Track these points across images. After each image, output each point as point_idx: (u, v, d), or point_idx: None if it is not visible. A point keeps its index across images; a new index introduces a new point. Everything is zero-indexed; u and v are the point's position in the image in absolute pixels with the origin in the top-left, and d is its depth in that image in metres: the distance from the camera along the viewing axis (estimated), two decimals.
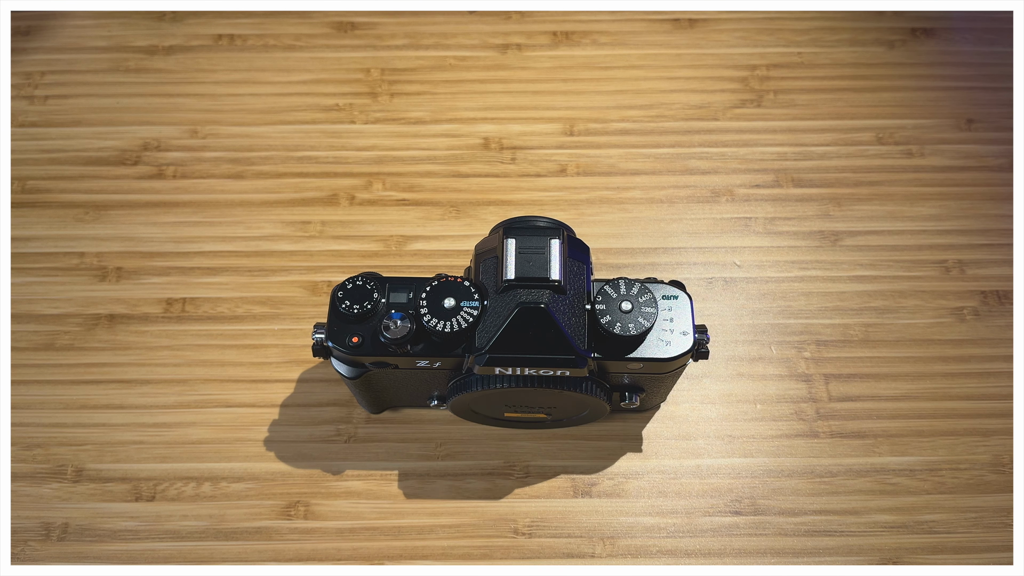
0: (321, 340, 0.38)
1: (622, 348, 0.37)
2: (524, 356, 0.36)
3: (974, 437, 0.46)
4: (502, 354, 0.36)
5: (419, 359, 0.37)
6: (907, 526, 0.44)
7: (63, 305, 0.50)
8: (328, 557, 0.44)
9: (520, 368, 0.36)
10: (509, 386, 0.37)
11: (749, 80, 0.55)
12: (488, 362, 0.36)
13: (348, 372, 0.39)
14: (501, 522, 0.44)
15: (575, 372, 0.36)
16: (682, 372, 0.40)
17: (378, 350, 0.37)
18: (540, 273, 0.36)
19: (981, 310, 0.49)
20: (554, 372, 0.36)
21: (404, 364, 0.38)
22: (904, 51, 0.55)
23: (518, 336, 0.35)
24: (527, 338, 0.35)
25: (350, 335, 0.37)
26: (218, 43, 0.56)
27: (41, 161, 0.53)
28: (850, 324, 0.49)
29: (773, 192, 0.52)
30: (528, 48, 0.56)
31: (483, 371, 0.36)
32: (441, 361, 0.37)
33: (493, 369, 0.36)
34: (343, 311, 0.37)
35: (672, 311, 0.38)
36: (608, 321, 0.36)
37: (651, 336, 0.37)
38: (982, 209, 0.52)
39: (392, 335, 0.36)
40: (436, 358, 0.37)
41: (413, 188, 0.53)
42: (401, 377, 0.40)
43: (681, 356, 0.37)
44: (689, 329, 0.37)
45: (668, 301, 0.38)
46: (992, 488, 0.45)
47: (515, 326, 0.35)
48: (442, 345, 0.37)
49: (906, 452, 0.46)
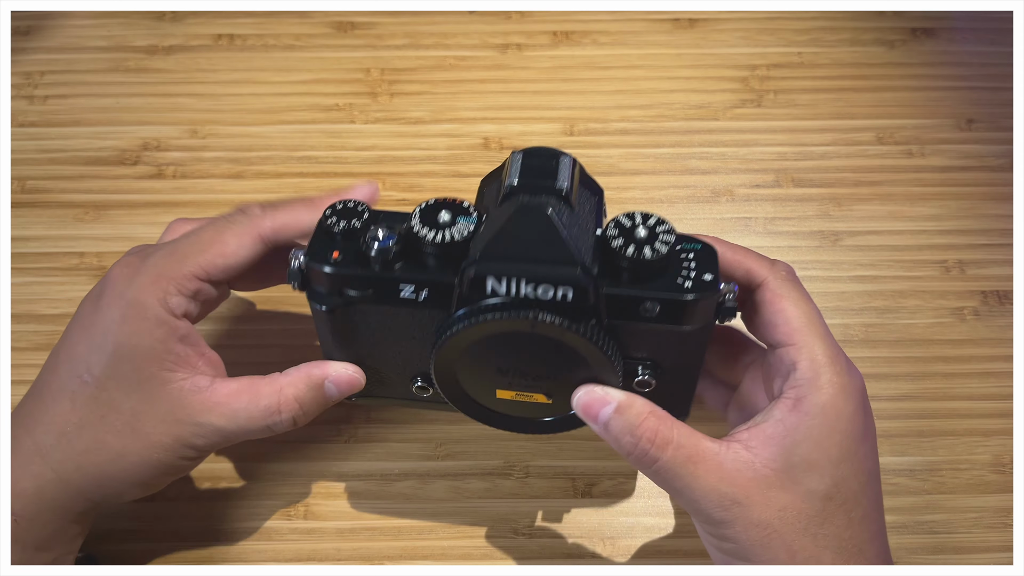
0: (299, 265, 0.34)
1: (634, 281, 0.32)
2: (520, 264, 0.31)
3: (974, 437, 0.46)
4: (495, 260, 0.31)
5: (404, 283, 0.33)
6: (907, 526, 0.44)
7: (63, 305, 0.49)
8: (328, 557, 0.44)
9: (515, 282, 0.31)
10: (500, 316, 0.32)
11: (749, 80, 0.55)
12: (479, 271, 0.32)
13: (325, 303, 0.35)
14: (501, 522, 0.44)
15: (578, 292, 0.32)
16: (703, 348, 0.35)
17: (360, 266, 0.33)
18: (546, 181, 0.32)
19: (981, 310, 0.49)
20: (554, 293, 0.32)
21: (386, 293, 0.34)
22: (904, 51, 0.55)
23: (515, 242, 0.31)
24: (525, 244, 0.31)
25: (331, 251, 0.34)
26: (218, 43, 0.56)
27: (41, 161, 0.53)
28: (850, 324, 0.49)
29: (773, 192, 0.52)
30: (528, 48, 0.56)
31: (473, 285, 0.32)
32: (428, 289, 0.33)
33: (484, 283, 0.32)
34: (328, 226, 0.34)
35: (695, 258, 0.33)
36: (619, 245, 0.32)
37: (667, 277, 0.33)
38: (982, 209, 0.52)
39: (378, 246, 0.33)
40: (422, 280, 0.33)
41: (413, 188, 0.53)
42: (382, 322, 0.35)
43: (702, 299, 0.32)
44: (714, 274, 0.33)
45: (691, 246, 0.34)
46: (992, 488, 0.45)
47: (512, 229, 0.31)
48: (432, 267, 0.33)
49: (906, 452, 0.46)
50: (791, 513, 0.32)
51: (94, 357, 0.35)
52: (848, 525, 0.33)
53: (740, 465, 0.32)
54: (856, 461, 0.33)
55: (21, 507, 0.35)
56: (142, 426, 0.35)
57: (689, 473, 0.32)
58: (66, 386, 0.35)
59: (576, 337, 0.32)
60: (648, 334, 0.34)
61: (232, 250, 0.36)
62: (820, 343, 0.34)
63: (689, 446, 0.32)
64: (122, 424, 0.35)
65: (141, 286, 0.35)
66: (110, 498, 0.37)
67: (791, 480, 0.32)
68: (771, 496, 0.32)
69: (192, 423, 0.36)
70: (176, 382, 0.35)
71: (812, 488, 0.32)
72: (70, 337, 0.36)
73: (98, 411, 0.35)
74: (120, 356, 0.35)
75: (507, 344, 0.34)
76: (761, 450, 0.33)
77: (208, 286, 0.37)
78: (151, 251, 0.37)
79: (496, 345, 0.34)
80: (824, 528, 0.32)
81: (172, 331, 0.35)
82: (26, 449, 0.35)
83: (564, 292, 0.32)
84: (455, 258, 0.33)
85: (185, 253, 0.36)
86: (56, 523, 0.36)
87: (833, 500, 0.33)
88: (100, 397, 0.35)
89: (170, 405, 0.35)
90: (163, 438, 0.35)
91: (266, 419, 0.36)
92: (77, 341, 0.36)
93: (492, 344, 0.34)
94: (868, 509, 0.34)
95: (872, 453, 0.34)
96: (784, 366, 0.34)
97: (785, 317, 0.34)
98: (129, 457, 0.35)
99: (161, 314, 0.35)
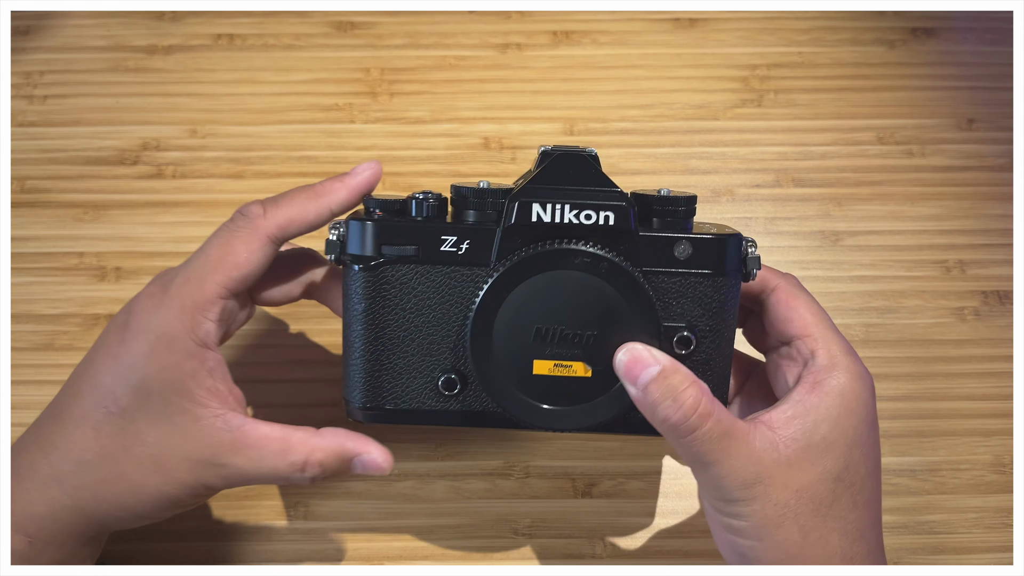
0: (338, 235, 0.36)
1: (665, 228, 0.36)
2: (564, 189, 0.34)
3: (974, 437, 0.46)
4: (540, 189, 0.34)
5: (446, 234, 0.35)
6: (907, 526, 0.44)
7: (63, 305, 0.49)
8: (328, 557, 0.44)
9: (559, 208, 0.34)
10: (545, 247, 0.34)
11: (749, 80, 0.55)
12: (523, 197, 0.34)
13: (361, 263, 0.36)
14: (501, 522, 0.44)
15: (620, 216, 0.34)
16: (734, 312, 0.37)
17: (401, 222, 0.35)
18: (576, 150, 0.36)
19: (982, 310, 0.49)
20: (596, 217, 0.34)
21: (427, 247, 0.35)
22: (905, 51, 0.55)
23: (557, 178, 0.35)
24: (566, 179, 0.35)
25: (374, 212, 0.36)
26: (217, 43, 0.56)
27: (40, 161, 0.53)
28: (851, 324, 0.49)
29: (773, 192, 0.52)
30: (528, 48, 0.56)
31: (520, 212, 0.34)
32: (469, 240, 0.35)
33: (530, 209, 0.34)
34: (370, 211, 0.37)
35: (714, 224, 0.38)
36: (647, 190, 0.36)
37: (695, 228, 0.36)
38: (983, 209, 0.52)
39: (419, 198, 0.35)
40: (464, 229, 0.35)
41: (413, 188, 0.53)
42: (418, 289, 0.36)
43: (730, 239, 0.35)
44: (736, 231, 0.36)
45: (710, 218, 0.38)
46: (992, 488, 0.45)
47: (553, 169, 0.35)
48: (472, 221, 0.35)
49: (906, 452, 0.46)
50: (807, 494, 0.33)
51: (120, 389, 0.35)
52: (853, 508, 0.34)
53: (766, 445, 0.33)
54: (866, 446, 0.34)
55: (36, 529, 0.35)
56: (166, 461, 0.35)
57: (722, 449, 0.33)
58: (90, 415, 0.35)
59: (619, 271, 0.34)
60: (683, 290, 0.35)
61: (244, 259, 0.36)
62: (835, 337, 0.36)
63: (727, 421, 0.33)
64: (145, 457, 0.35)
65: (167, 319, 0.35)
66: (120, 525, 0.37)
67: (809, 460, 0.33)
68: (791, 476, 0.33)
69: (217, 463, 0.35)
70: (208, 418, 0.35)
71: (827, 468, 0.33)
72: (94, 366, 0.36)
73: (122, 442, 0.35)
74: (149, 390, 0.35)
75: (547, 293, 0.34)
76: (783, 430, 0.34)
77: (231, 302, 0.37)
78: (170, 279, 0.36)
79: (536, 295, 0.34)
80: (832, 509, 0.33)
81: (202, 363, 0.35)
82: (42, 473, 0.35)
83: (606, 216, 0.34)
84: (495, 210, 0.35)
85: (202, 276, 0.35)
86: (69, 546, 0.36)
87: (842, 481, 0.34)
88: (127, 429, 0.35)
89: (198, 442, 0.35)
90: (185, 476, 0.35)
91: (288, 472, 0.36)
92: (103, 371, 0.35)
93: (532, 293, 0.34)
94: (871, 495, 0.35)
95: (878, 443, 0.36)
96: (802, 355, 0.36)
97: (800, 313, 0.36)
98: (147, 490, 0.35)
99: (191, 347, 0.35)
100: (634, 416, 0.35)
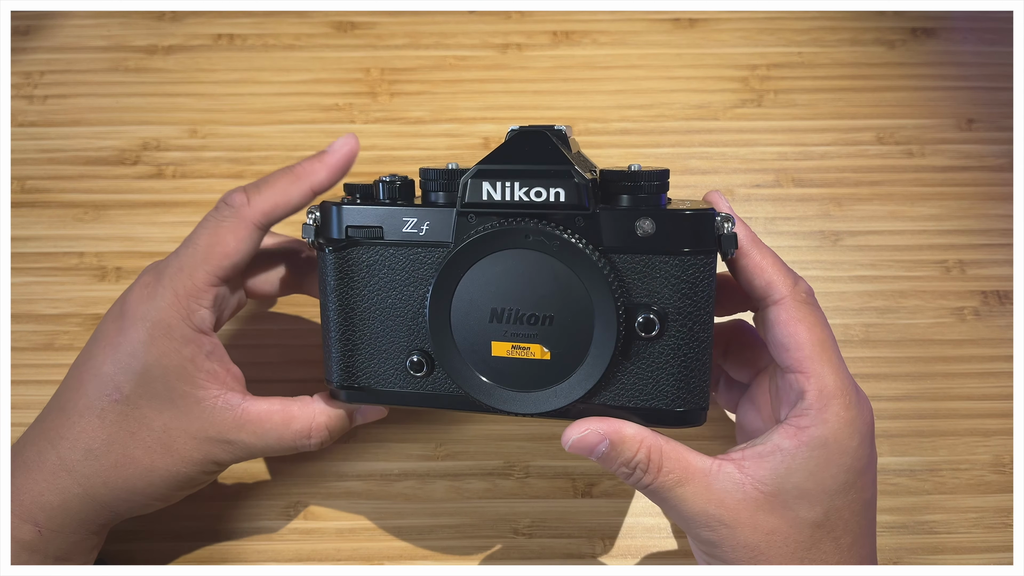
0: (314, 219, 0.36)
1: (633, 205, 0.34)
2: (513, 168, 0.33)
3: (974, 437, 0.46)
4: (491, 169, 0.34)
5: (407, 216, 0.35)
6: (907, 526, 0.44)
7: (63, 305, 0.49)
8: (328, 557, 0.44)
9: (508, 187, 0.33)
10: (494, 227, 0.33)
11: (749, 80, 0.55)
12: (474, 177, 0.34)
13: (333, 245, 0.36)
14: (501, 522, 0.44)
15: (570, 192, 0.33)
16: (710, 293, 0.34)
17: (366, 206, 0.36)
18: (541, 128, 0.34)
19: (981, 310, 0.49)
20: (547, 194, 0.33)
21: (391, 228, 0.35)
22: (904, 51, 0.55)
23: (511, 157, 0.34)
24: (520, 157, 0.33)
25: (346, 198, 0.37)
26: (218, 43, 0.56)
27: (40, 161, 0.53)
28: (851, 324, 0.49)
29: (773, 192, 0.52)
30: (528, 48, 0.56)
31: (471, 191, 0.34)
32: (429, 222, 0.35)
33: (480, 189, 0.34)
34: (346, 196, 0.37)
35: (694, 201, 0.36)
36: (613, 167, 0.34)
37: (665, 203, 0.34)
38: (982, 209, 0.52)
39: (385, 181, 0.36)
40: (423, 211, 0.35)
41: None
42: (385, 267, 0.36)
43: (698, 215, 0.33)
44: (710, 207, 0.34)
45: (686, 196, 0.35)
46: (992, 488, 0.45)
47: (509, 148, 0.34)
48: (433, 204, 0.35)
49: (906, 452, 0.46)
50: (779, 537, 0.32)
51: (122, 377, 0.36)
52: (836, 551, 0.33)
53: (730, 486, 0.32)
54: (854, 492, 0.33)
55: (46, 519, 0.36)
56: (173, 442, 0.36)
57: (677, 496, 0.33)
58: (93, 404, 0.36)
59: (571, 250, 0.33)
60: (647, 270, 0.34)
61: (233, 248, 0.37)
62: (831, 372, 0.33)
63: (678, 470, 0.33)
64: (153, 440, 0.36)
65: (162, 307, 0.36)
66: (132, 511, 0.38)
67: (781, 505, 0.32)
68: (759, 519, 0.32)
69: (223, 440, 0.37)
70: (209, 400, 0.36)
71: (802, 516, 0.32)
72: (94, 356, 0.37)
73: (128, 428, 0.36)
74: (151, 376, 0.36)
75: (503, 274, 0.34)
76: (754, 471, 0.33)
77: (223, 288, 0.38)
78: (162, 269, 0.37)
79: (492, 275, 0.34)
80: (811, 553, 0.32)
81: (199, 348, 0.36)
82: (51, 463, 0.36)
83: (556, 192, 0.33)
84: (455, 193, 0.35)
85: (193, 266, 0.36)
86: (78, 535, 0.37)
87: (823, 528, 0.33)
88: (132, 415, 0.36)
89: (203, 423, 0.36)
90: (193, 454, 0.37)
91: (295, 442, 0.38)
92: (103, 361, 0.36)
93: (489, 273, 0.34)
94: (858, 536, 0.33)
95: (871, 483, 0.34)
96: (792, 392, 0.34)
97: (797, 342, 0.33)
98: (158, 472, 0.36)
99: (187, 332, 0.36)
100: (598, 404, 0.34)
